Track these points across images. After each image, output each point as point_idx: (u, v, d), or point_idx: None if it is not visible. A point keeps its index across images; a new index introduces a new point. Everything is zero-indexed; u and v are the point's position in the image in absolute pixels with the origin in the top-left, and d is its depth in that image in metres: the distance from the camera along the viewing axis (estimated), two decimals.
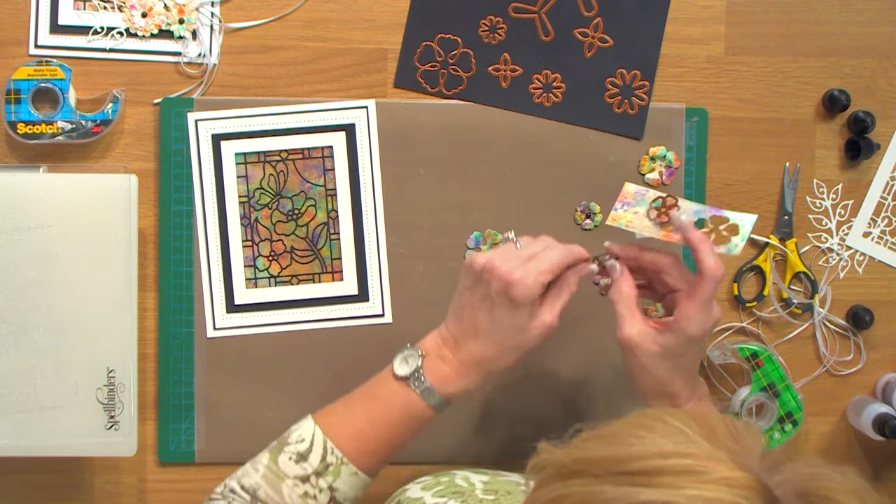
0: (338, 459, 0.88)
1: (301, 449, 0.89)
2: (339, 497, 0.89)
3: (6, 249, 1.01)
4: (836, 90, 1.13)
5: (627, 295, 0.90)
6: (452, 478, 0.86)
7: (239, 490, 0.89)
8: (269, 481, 0.88)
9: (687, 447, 0.58)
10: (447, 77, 1.11)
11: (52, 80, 1.06)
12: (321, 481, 0.88)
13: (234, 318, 1.10)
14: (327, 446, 0.89)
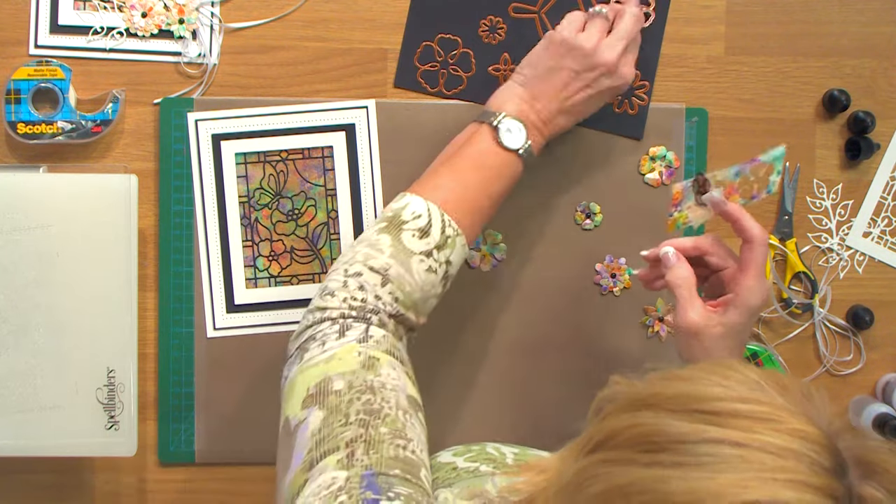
0: (454, 231, 0.91)
1: (421, 225, 0.90)
2: (450, 271, 0.91)
3: (6, 249, 1.01)
4: (836, 90, 1.13)
5: (687, 278, 0.89)
6: (483, 447, 0.86)
7: (367, 271, 0.86)
8: (399, 259, 0.88)
9: (761, 395, 0.58)
10: (447, 77, 1.11)
11: (52, 80, 1.06)
12: (441, 255, 0.90)
13: (234, 318, 1.10)
14: (444, 218, 0.91)
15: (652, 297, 1.13)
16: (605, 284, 1.12)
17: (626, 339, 1.13)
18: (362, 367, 0.79)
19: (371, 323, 0.84)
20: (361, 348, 0.81)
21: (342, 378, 0.77)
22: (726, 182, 0.93)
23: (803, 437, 0.56)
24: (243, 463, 1.11)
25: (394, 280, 0.86)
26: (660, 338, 1.13)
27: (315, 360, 0.80)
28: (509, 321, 1.12)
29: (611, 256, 1.12)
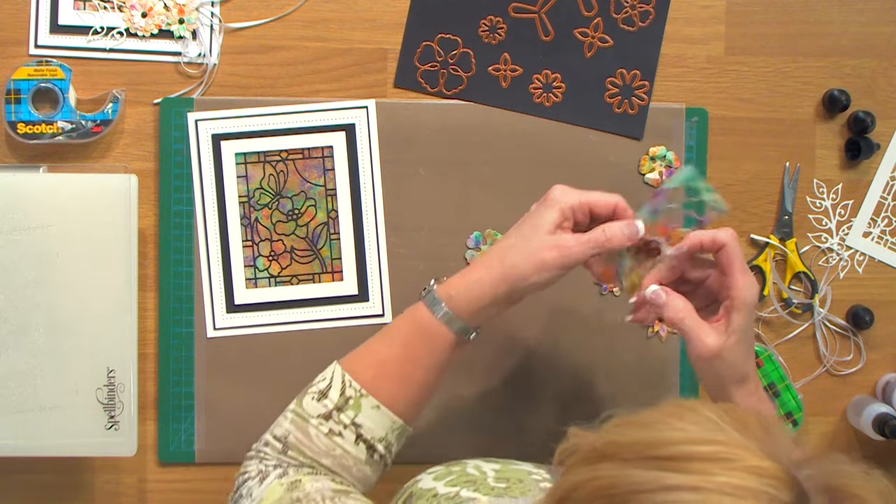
0: (356, 392, 0.88)
1: (322, 387, 0.89)
2: (365, 434, 0.87)
3: (6, 249, 1.01)
4: (836, 90, 1.13)
5: (686, 309, 0.86)
6: (464, 467, 0.86)
7: (272, 441, 0.88)
8: (297, 425, 0.88)
9: (718, 435, 0.58)
10: (447, 77, 1.11)
11: (52, 80, 1.06)
12: (343, 416, 0.87)
13: (234, 318, 1.10)
14: (345, 379, 0.88)
15: None
16: (605, 284, 1.12)
17: (626, 339, 1.13)
18: (287, 491, 0.82)
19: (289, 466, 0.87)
20: (283, 479, 0.84)
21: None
22: (650, 225, 0.89)
23: (760, 473, 0.55)
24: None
25: (293, 447, 0.87)
26: (660, 338, 1.13)
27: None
28: (509, 321, 1.12)
29: None
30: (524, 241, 0.87)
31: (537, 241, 0.87)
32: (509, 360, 1.12)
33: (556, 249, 0.86)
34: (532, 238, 0.87)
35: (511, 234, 0.89)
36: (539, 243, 0.86)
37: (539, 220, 0.87)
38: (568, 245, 0.86)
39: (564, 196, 0.88)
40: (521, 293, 0.88)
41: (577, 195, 0.88)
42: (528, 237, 0.87)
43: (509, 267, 0.87)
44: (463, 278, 0.89)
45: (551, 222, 0.87)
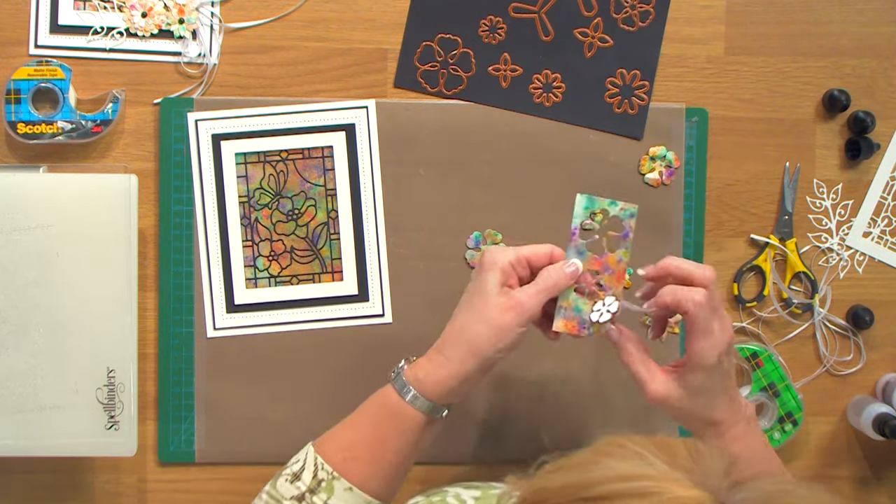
0: (328, 475, 0.88)
1: (295, 469, 0.89)
2: None
3: (6, 249, 1.01)
4: (836, 90, 1.13)
5: (637, 353, 0.88)
6: (444, 496, 0.86)
7: None
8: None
9: (644, 469, 0.58)
10: (447, 77, 1.11)
11: (52, 80, 1.06)
12: (315, 499, 0.87)
13: (234, 318, 1.10)
14: (318, 462, 0.88)
15: None
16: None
17: None
18: None
19: None
20: None
21: None
22: (585, 262, 0.90)
23: (685, 503, 0.56)
24: (243, 463, 1.11)
25: None
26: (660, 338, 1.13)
27: None
28: None
29: None
30: (478, 313, 0.86)
31: (490, 306, 0.86)
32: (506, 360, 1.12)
33: (511, 309, 0.85)
34: (485, 307, 0.86)
35: (461, 311, 0.88)
36: (493, 309, 0.86)
37: (484, 287, 0.86)
38: (521, 301, 0.86)
39: (499, 255, 0.87)
40: (491, 363, 0.87)
41: (511, 251, 0.87)
42: (480, 308, 0.86)
43: (472, 342, 0.86)
44: (430, 361, 0.88)
45: (496, 284, 0.86)
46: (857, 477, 1.17)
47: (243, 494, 1.11)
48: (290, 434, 1.10)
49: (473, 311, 0.87)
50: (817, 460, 1.16)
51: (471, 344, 0.86)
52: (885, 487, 1.17)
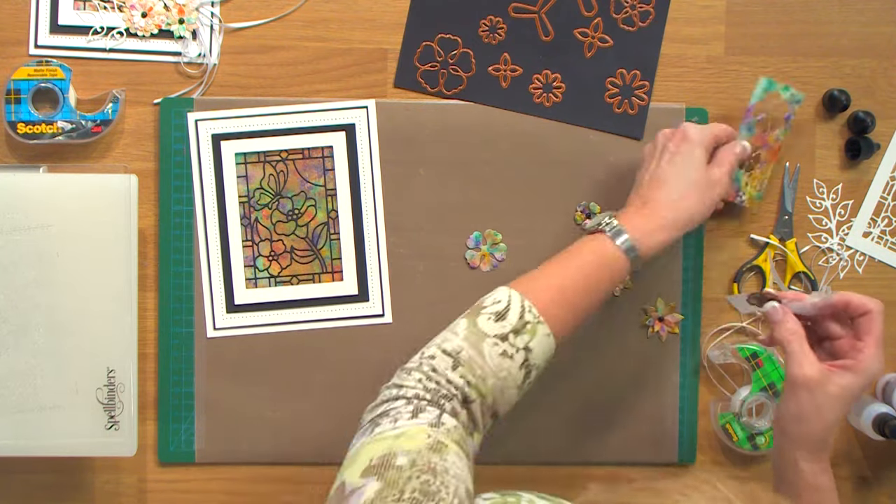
0: (535, 318, 0.89)
1: (499, 309, 0.89)
2: (531, 359, 0.88)
3: (6, 249, 1.01)
4: (836, 90, 1.13)
5: (797, 333, 0.89)
6: (519, 499, 0.85)
7: (440, 354, 0.87)
8: (471, 342, 0.87)
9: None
10: (447, 77, 1.11)
11: (52, 80, 1.06)
12: (518, 339, 0.88)
13: (234, 318, 1.10)
14: (525, 304, 0.89)
15: (652, 297, 1.13)
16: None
17: (626, 339, 1.13)
18: (429, 449, 0.78)
19: (444, 410, 0.84)
20: (432, 431, 0.80)
21: (406, 455, 0.77)
22: (751, 139, 1.07)
23: None
24: (243, 463, 1.11)
25: (464, 363, 0.86)
26: (660, 337, 1.13)
27: (384, 435, 0.80)
28: None
29: None
30: (696, 187, 0.97)
31: (703, 182, 0.97)
32: None
33: (718, 185, 0.98)
34: (701, 181, 0.97)
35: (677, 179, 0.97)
36: (706, 185, 0.97)
37: (698, 162, 0.97)
38: (722, 179, 0.98)
39: (701, 134, 0.98)
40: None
41: (708, 131, 0.99)
42: (697, 182, 0.97)
43: (687, 218, 0.96)
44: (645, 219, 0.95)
45: (705, 160, 0.98)
46: (857, 477, 1.17)
47: (243, 494, 1.11)
48: (290, 434, 1.10)
49: (691, 184, 0.97)
50: None
51: (685, 220, 0.96)
52: (885, 487, 1.17)
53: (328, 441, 1.10)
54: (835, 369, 0.87)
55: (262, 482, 1.11)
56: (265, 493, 1.11)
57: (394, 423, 0.81)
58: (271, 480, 1.11)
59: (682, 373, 1.13)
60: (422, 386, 0.85)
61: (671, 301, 1.13)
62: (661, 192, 0.96)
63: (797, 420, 0.88)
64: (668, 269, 1.13)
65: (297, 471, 1.11)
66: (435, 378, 0.85)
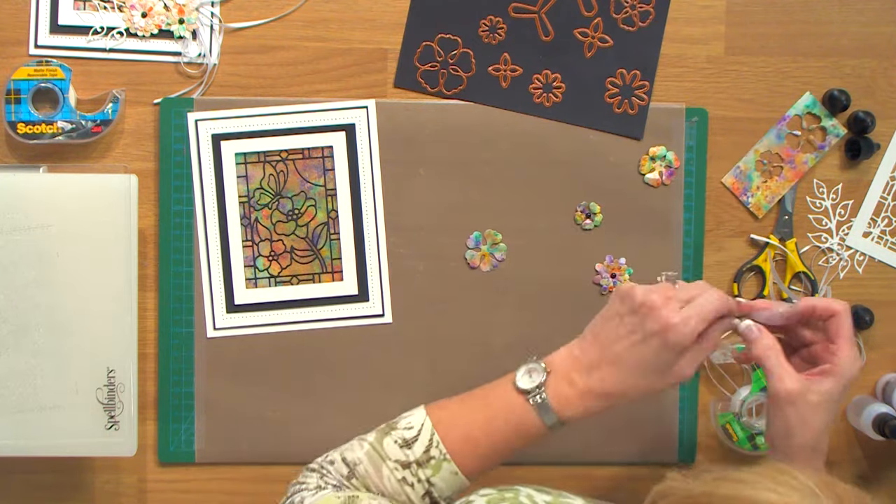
0: (441, 454, 0.88)
1: (408, 436, 0.88)
2: (434, 493, 0.88)
3: (6, 249, 1.01)
4: (836, 90, 1.13)
5: (774, 348, 0.87)
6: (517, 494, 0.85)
7: (339, 461, 0.88)
8: (372, 459, 0.88)
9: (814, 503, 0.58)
10: (447, 77, 1.11)
11: (52, 80, 1.06)
12: (421, 472, 0.87)
13: (234, 318, 1.10)
14: (434, 439, 0.88)
15: None
16: (605, 284, 1.12)
17: None
18: (346, 502, 0.80)
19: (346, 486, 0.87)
20: (340, 493, 0.82)
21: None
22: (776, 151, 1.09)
23: None
24: (243, 463, 1.11)
25: (359, 477, 0.87)
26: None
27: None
28: (509, 321, 1.12)
29: (611, 256, 1.12)
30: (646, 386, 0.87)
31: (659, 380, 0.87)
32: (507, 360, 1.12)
33: (674, 379, 0.87)
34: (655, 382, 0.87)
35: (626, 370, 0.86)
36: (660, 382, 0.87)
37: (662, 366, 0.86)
38: (685, 375, 0.87)
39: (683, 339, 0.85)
40: None
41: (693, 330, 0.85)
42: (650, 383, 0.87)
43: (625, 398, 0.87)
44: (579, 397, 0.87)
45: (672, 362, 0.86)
46: (857, 477, 1.17)
47: (243, 494, 1.11)
48: (290, 434, 1.10)
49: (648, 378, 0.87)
50: None
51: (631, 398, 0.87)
52: (885, 487, 1.17)
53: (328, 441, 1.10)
54: (814, 377, 0.86)
55: (262, 482, 1.11)
56: (265, 493, 1.11)
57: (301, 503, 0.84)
58: (271, 480, 1.11)
59: None
60: (322, 481, 0.87)
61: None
62: (611, 376, 0.87)
63: (786, 435, 0.87)
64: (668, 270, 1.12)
65: (297, 471, 1.11)
66: (333, 476, 0.88)
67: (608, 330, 0.88)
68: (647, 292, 0.86)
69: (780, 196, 1.13)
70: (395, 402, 1.11)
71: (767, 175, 1.09)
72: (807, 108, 1.09)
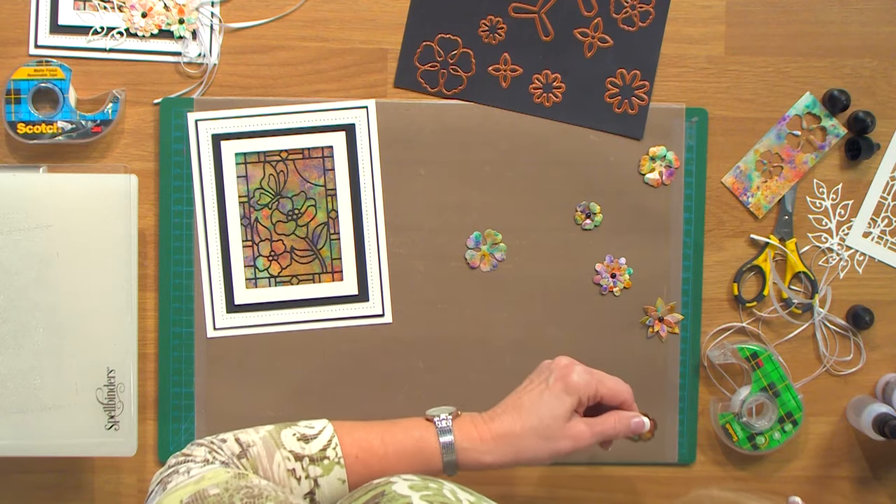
0: (336, 456, 0.88)
1: (308, 433, 0.88)
2: (317, 495, 0.88)
3: (6, 249, 1.01)
4: (836, 90, 1.13)
5: None
6: (441, 486, 0.86)
7: (232, 441, 0.87)
8: (266, 444, 0.87)
9: None
10: (447, 77, 1.11)
11: (52, 80, 1.06)
12: (311, 468, 0.87)
13: (234, 318, 1.10)
14: (333, 441, 0.88)
15: (652, 297, 1.13)
16: (605, 284, 1.12)
17: (626, 339, 1.13)
18: (235, 478, 0.79)
19: (235, 463, 0.86)
20: (230, 469, 0.81)
21: (216, 486, 0.77)
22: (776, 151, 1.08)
23: None
24: None
25: (250, 459, 0.86)
26: (660, 337, 1.13)
27: (182, 484, 0.78)
28: (509, 321, 1.12)
29: (611, 256, 1.12)
30: (541, 431, 0.91)
31: (555, 432, 0.91)
32: (507, 360, 1.12)
33: (572, 440, 0.91)
34: (550, 429, 0.91)
35: (525, 412, 0.92)
36: (557, 435, 0.91)
37: (558, 410, 0.92)
38: (583, 437, 0.92)
39: (582, 383, 0.92)
40: None
41: (594, 384, 0.93)
42: (545, 428, 0.91)
43: (521, 454, 0.91)
44: (481, 439, 0.91)
45: (570, 411, 0.92)
46: (857, 477, 1.17)
47: None
48: None
49: (538, 428, 0.91)
50: (817, 460, 1.16)
51: (519, 455, 0.91)
52: (885, 487, 1.17)
53: None
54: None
55: None
56: None
57: (187, 473, 0.81)
58: None
59: (682, 373, 1.13)
60: (211, 456, 0.85)
61: (671, 301, 1.13)
62: (509, 419, 0.92)
63: None
64: (668, 269, 1.13)
65: None
66: (223, 453, 0.86)
67: (520, 391, 0.95)
68: (557, 362, 0.95)
69: (780, 196, 1.13)
70: (395, 402, 1.11)
71: (767, 175, 1.09)
72: (807, 108, 1.09)
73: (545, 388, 0.93)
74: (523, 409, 0.92)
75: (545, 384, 0.93)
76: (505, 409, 0.93)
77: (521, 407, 0.92)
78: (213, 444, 0.87)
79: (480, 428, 0.92)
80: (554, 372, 0.93)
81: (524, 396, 0.93)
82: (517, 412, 0.92)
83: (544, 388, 0.93)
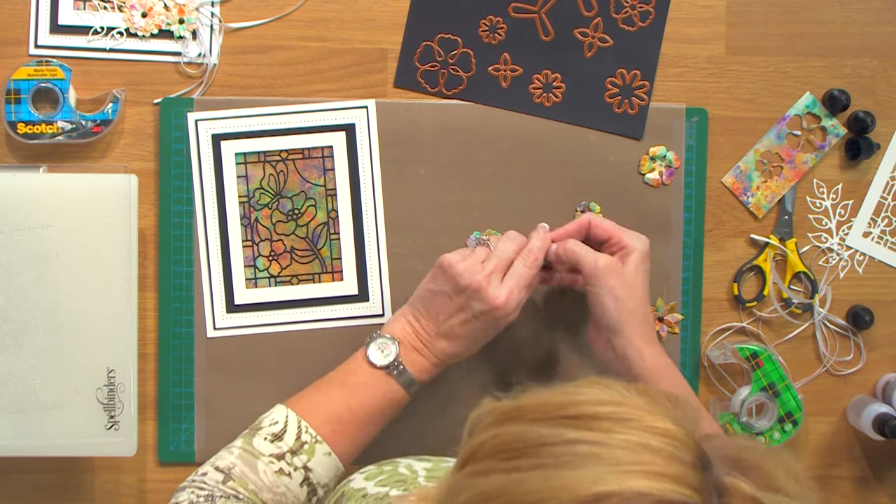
0: (312, 437, 0.91)
1: (276, 430, 0.91)
2: (313, 478, 0.90)
3: (6, 249, 1.01)
4: (836, 90, 1.13)
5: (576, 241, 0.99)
6: (396, 466, 0.88)
7: (212, 471, 0.90)
8: (245, 460, 0.90)
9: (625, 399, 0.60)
10: (447, 77, 1.11)
11: (52, 80, 1.06)
12: (296, 459, 0.90)
13: (234, 318, 1.10)
14: (302, 425, 0.92)
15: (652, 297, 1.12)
16: None
17: None
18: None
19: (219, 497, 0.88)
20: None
21: None
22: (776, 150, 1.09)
23: (662, 433, 0.57)
24: None
25: (236, 478, 0.89)
26: (660, 337, 1.13)
27: None
28: None
29: None
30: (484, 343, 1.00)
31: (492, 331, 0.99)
32: (507, 359, 1.12)
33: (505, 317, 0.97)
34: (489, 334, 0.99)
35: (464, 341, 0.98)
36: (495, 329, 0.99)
37: (496, 329, 0.98)
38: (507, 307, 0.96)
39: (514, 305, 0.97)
40: None
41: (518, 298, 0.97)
42: (485, 337, 0.99)
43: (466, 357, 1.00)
44: (428, 364, 0.98)
45: (498, 324, 0.98)
46: (857, 477, 1.17)
47: None
48: None
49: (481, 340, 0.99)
50: (817, 460, 1.16)
51: (469, 354, 0.99)
52: (885, 487, 1.17)
53: None
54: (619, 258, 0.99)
55: None
56: None
57: None
58: None
59: (682, 373, 1.13)
60: (195, 496, 0.87)
61: (671, 301, 1.13)
62: (451, 346, 0.98)
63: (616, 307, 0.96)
64: (668, 269, 1.13)
65: None
66: (207, 489, 0.88)
67: (438, 306, 0.97)
68: (470, 273, 0.95)
69: (780, 196, 1.13)
70: None
71: (767, 175, 1.09)
72: (807, 108, 1.09)
73: (475, 321, 0.96)
74: (461, 339, 0.97)
75: (472, 317, 0.96)
76: (440, 334, 0.97)
77: (459, 337, 0.97)
78: (195, 483, 0.89)
79: (427, 356, 0.98)
80: (472, 302, 0.95)
81: (455, 325, 0.96)
82: (455, 342, 0.98)
83: (473, 319, 0.96)
